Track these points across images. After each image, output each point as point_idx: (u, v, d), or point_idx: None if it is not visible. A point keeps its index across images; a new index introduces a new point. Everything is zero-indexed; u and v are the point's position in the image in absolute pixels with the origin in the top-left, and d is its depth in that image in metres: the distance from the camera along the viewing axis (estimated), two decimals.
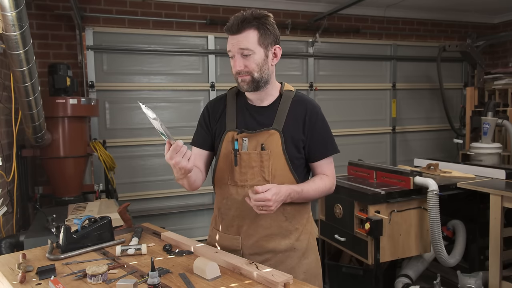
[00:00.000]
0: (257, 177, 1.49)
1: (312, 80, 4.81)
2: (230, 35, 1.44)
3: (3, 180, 2.68)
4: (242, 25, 1.40)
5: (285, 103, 1.53)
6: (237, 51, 1.42)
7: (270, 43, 1.46)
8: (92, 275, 1.27)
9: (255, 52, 1.42)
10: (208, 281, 1.27)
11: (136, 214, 3.88)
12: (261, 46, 1.43)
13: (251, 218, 1.51)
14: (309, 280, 1.54)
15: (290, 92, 1.57)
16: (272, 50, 1.48)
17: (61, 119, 3.14)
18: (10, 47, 1.97)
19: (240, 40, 1.41)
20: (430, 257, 2.96)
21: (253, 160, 1.49)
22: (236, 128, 1.52)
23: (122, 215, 2.14)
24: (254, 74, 1.44)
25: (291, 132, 1.50)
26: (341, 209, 2.86)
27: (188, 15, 4.32)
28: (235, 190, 1.52)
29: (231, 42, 1.44)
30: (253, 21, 1.41)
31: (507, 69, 4.75)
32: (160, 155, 4.29)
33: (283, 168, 1.49)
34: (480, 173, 3.20)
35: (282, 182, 1.48)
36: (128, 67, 4.12)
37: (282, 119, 1.50)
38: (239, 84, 1.48)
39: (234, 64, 1.45)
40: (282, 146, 1.48)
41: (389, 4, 4.88)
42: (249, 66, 1.43)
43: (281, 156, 1.49)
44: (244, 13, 1.42)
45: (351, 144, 5.01)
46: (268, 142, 1.48)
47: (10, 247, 2.29)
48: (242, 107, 1.56)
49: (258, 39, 1.42)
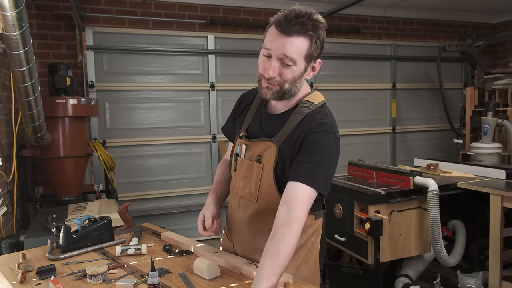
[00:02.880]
0: (246, 189, 1.36)
1: (312, 80, 4.81)
2: (279, 33, 1.19)
3: (3, 180, 2.68)
4: (299, 29, 1.18)
5: (297, 115, 1.30)
6: (279, 55, 1.20)
7: (315, 57, 1.26)
8: (92, 275, 1.27)
9: (297, 64, 1.22)
10: (208, 281, 1.27)
11: (136, 214, 3.88)
12: (305, 59, 1.23)
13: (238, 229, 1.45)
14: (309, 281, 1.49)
15: (309, 104, 1.32)
16: (313, 64, 1.28)
17: (61, 119, 3.14)
18: (10, 47, 1.97)
19: (287, 45, 1.19)
20: (430, 257, 2.96)
21: (246, 170, 1.36)
22: (246, 130, 1.41)
23: (122, 215, 2.14)
24: (285, 85, 1.24)
25: (286, 150, 1.28)
26: (341, 209, 2.86)
27: (188, 15, 4.32)
28: (232, 194, 1.48)
29: (276, 41, 1.20)
30: (310, 28, 1.19)
31: (507, 69, 4.76)
32: (160, 155, 4.29)
33: (270, 187, 1.30)
34: (480, 173, 3.20)
35: (268, 202, 1.31)
36: (128, 67, 4.12)
37: (286, 133, 1.29)
38: (262, 89, 1.27)
39: (268, 67, 1.22)
40: (273, 163, 1.29)
41: (389, 4, 4.88)
42: (283, 77, 1.23)
43: (271, 173, 1.29)
44: (303, 13, 1.19)
45: (351, 144, 5.01)
46: (265, 155, 1.31)
47: (10, 247, 2.29)
48: (259, 110, 1.41)
49: (306, 50, 1.21)
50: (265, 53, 1.24)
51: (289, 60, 1.21)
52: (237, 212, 1.43)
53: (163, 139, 4.27)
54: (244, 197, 1.38)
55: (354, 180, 3.17)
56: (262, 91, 1.27)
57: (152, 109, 4.24)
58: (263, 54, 1.25)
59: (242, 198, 1.39)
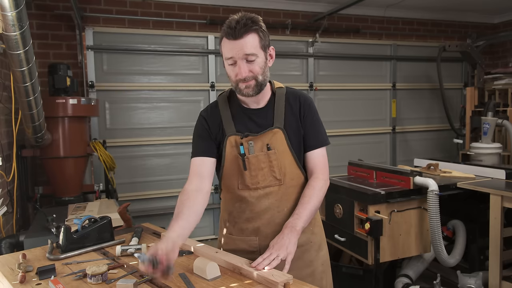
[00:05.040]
0: (268, 178, 1.50)
1: (312, 80, 4.81)
2: (231, 40, 1.37)
3: (3, 180, 2.68)
4: (245, 30, 1.36)
5: (280, 100, 1.53)
6: (241, 57, 1.37)
7: (268, 45, 1.45)
8: (92, 275, 1.27)
9: (258, 56, 1.40)
10: (208, 281, 1.27)
11: (136, 214, 3.88)
12: (262, 49, 1.41)
13: (267, 218, 1.52)
14: (327, 271, 1.63)
15: (281, 89, 1.57)
16: (269, 51, 1.47)
17: (61, 119, 3.14)
18: (10, 47, 1.97)
19: (243, 45, 1.36)
20: (430, 257, 2.96)
21: (261, 162, 1.49)
22: (236, 132, 1.50)
23: (122, 215, 2.14)
24: (259, 78, 1.42)
25: (292, 127, 1.51)
26: (341, 209, 2.86)
27: (188, 15, 4.32)
28: (247, 193, 1.52)
29: (232, 47, 1.37)
30: (251, 24, 1.38)
31: (507, 69, 4.75)
32: (160, 155, 4.29)
33: (291, 165, 1.51)
34: (480, 173, 3.20)
35: (292, 178, 1.52)
36: (128, 67, 4.12)
37: (281, 116, 1.51)
38: (242, 90, 1.43)
39: (239, 70, 1.39)
40: (287, 143, 1.50)
41: (389, 4, 4.88)
42: (254, 71, 1.40)
43: (288, 152, 1.50)
44: (241, 17, 1.38)
45: (351, 144, 5.01)
46: (273, 142, 1.49)
47: (10, 247, 2.29)
48: (239, 112, 1.53)
49: (259, 42, 1.40)
50: (230, 62, 1.41)
51: (251, 56, 1.38)
52: (263, 202, 1.51)
53: (163, 139, 4.27)
54: (269, 185, 1.51)
55: (354, 180, 3.17)
56: (244, 92, 1.44)
57: (152, 109, 4.24)
58: (228, 65, 1.43)
59: (267, 187, 1.51)
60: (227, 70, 1.45)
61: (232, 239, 1.59)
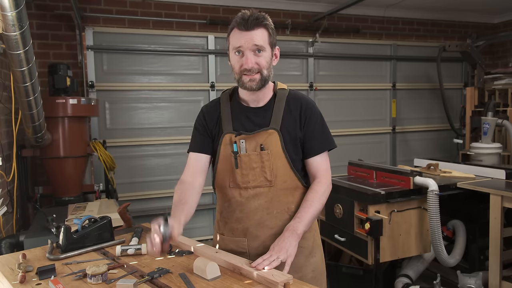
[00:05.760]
0: (259, 178, 1.49)
1: (312, 80, 4.81)
2: (243, 31, 1.40)
3: (3, 180, 2.68)
4: (257, 22, 1.40)
5: (280, 101, 1.52)
6: (250, 47, 1.40)
7: (275, 44, 1.48)
8: (92, 275, 1.27)
9: (266, 50, 1.43)
10: (208, 281, 1.27)
11: (136, 214, 3.88)
12: (270, 45, 1.45)
13: (256, 219, 1.51)
14: (317, 278, 1.57)
15: (284, 90, 1.56)
16: (275, 50, 1.49)
17: (61, 119, 3.14)
18: (10, 47, 1.97)
19: (254, 36, 1.39)
20: (430, 257, 2.96)
21: (253, 162, 1.48)
22: (233, 130, 1.51)
23: (122, 215, 2.14)
24: (264, 72, 1.43)
25: (289, 130, 1.50)
26: (341, 209, 2.86)
27: (188, 15, 4.32)
28: (237, 192, 1.52)
29: (243, 37, 1.40)
30: (263, 20, 1.42)
31: (507, 69, 4.75)
32: (160, 155, 4.29)
33: (284, 167, 1.49)
34: (480, 173, 3.20)
35: (284, 181, 1.49)
36: (128, 67, 4.12)
37: (278, 118, 1.50)
38: (246, 83, 1.44)
39: (245, 61, 1.41)
40: (281, 145, 1.48)
41: (389, 4, 4.88)
42: (260, 64, 1.42)
43: (281, 155, 1.48)
44: (253, 11, 1.42)
45: (351, 144, 5.01)
46: (267, 142, 1.48)
47: (10, 247, 2.29)
48: (237, 110, 1.55)
49: (268, 38, 1.43)
50: (236, 52, 1.43)
51: (260, 48, 1.41)
52: (252, 203, 1.50)
53: (163, 139, 4.27)
54: (260, 185, 1.49)
55: (354, 180, 3.16)
56: (247, 85, 1.44)
57: (152, 109, 4.24)
58: (234, 54, 1.44)
59: (257, 187, 1.50)
60: (232, 61, 1.46)
61: (222, 239, 1.60)
